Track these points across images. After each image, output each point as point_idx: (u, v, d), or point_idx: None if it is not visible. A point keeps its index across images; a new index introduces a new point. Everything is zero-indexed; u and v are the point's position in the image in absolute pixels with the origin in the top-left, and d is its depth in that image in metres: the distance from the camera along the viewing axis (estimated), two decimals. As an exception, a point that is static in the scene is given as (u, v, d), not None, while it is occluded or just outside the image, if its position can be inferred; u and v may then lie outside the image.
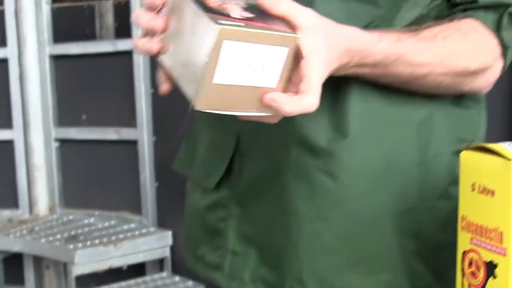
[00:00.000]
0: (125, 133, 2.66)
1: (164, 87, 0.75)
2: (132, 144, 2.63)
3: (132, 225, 2.65)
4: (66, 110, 2.80)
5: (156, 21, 0.73)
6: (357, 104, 0.85)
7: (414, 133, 0.87)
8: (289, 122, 0.82)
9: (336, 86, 0.84)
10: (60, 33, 2.77)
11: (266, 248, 0.90)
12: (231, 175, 0.93)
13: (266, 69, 0.68)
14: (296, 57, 0.70)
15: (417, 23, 0.85)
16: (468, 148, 0.71)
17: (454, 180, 0.86)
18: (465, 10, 0.88)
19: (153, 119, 2.58)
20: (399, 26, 0.85)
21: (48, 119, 2.82)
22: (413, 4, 0.85)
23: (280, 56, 0.68)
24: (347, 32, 0.78)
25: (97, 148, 2.72)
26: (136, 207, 2.65)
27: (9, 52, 2.80)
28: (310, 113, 0.74)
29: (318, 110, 0.75)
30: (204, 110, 0.66)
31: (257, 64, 0.67)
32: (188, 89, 0.68)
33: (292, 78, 0.72)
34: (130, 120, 2.62)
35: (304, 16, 0.72)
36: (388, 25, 0.85)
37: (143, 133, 2.59)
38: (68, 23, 2.78)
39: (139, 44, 0.74)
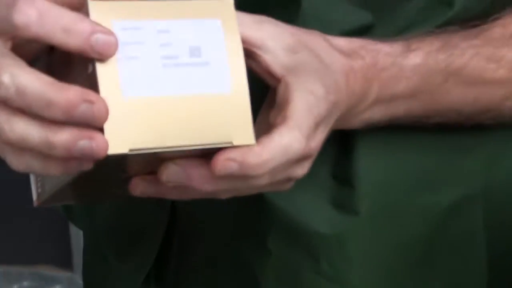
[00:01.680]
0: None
1: None
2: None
3: (58, 287, 2.36)
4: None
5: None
6: (368, 166, 0.72)
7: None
8: (263, 198, 0.70)
9: (336, 144, 0.72)
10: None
11: None
12: (163, 263, 0.80)
13: (202, 63, 0.55)
14: (272, 89, 0.62)
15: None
16: None
17: None
18: None
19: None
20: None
21: None
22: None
23: (214, 36, 0.56)
24: (347, 42, 0.65)
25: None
26: (64, 259, 2.34)
27: None
28: (296, 185, 0.62)
29: (311, 180, 0.67)
30: (125, 153, 0.52)
31: (181, 54, 0.55)
32: None
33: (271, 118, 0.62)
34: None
35: (262, 29, 0.61)
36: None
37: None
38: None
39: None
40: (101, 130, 0.52)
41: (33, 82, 0.52)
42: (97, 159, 0.52)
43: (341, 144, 0.73)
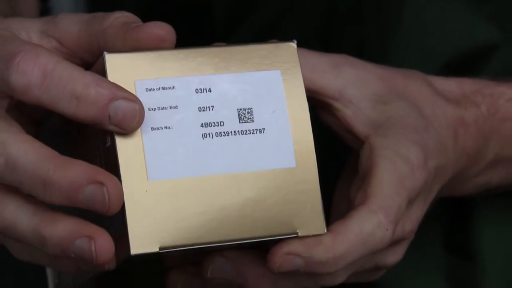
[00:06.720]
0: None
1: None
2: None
3: None
4: None
5: None
6: (491, 236, 0.61)
7: None
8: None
9: (448, 208, 0.60)
10: None
11: None
12: None
13: (255, 131, 0.45)
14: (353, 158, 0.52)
15: None
16: None
17: None
18: None
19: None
20: None
21: None
22: None
23: (271, 94, 0.45)
24: (457, 84, 0.53)
25: None
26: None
27: None
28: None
29: (421, 255, 0.58)
30: (153, 252, 0.42)
31: (227, 120, 0.44)
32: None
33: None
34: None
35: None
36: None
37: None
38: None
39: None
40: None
41: (27, 154, 0.41)
42: (100, 263, 0.42)
43: (454, 209, 0.62)
